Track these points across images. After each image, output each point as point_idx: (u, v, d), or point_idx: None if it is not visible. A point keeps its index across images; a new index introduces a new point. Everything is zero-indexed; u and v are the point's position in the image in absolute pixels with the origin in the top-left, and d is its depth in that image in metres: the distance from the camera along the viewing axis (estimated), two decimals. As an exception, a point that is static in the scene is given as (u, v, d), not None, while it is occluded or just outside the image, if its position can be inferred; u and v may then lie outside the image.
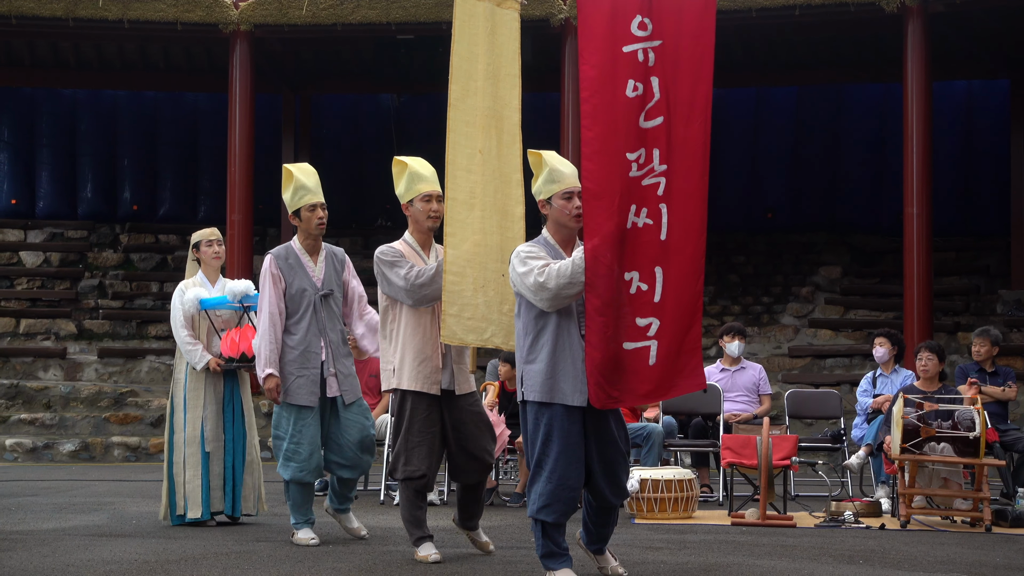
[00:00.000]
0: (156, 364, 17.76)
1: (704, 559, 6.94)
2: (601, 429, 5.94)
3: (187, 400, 8.33)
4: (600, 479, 5.95)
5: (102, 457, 15.20)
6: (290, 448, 7.36)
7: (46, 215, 20.99)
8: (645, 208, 5.70)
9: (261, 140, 18.31)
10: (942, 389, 9.70)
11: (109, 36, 17.60)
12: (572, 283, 5.71)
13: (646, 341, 5.73)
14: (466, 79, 6.56)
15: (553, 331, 5.84)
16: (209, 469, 8.27)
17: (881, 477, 10.23)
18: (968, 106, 19.73)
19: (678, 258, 5.72)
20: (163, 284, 19.87)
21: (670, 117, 5.71)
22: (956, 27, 16.61)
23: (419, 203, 6.82)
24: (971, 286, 18.37)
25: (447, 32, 7.05)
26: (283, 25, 16.52)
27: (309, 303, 7.44)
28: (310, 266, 7.54)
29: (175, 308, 8.44)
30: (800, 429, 13.67)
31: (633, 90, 5.70)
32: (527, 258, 5.86)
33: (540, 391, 5.84)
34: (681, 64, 5.73)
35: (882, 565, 6.94)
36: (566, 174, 6.00)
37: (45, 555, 6.94)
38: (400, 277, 6.64)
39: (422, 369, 6.67)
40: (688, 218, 5.73)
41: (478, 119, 6.55)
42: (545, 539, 5.91)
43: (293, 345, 7.40)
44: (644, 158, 5.70)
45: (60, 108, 21.17)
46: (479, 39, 6.59)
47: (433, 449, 6.71)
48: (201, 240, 8.77)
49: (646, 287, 5.72)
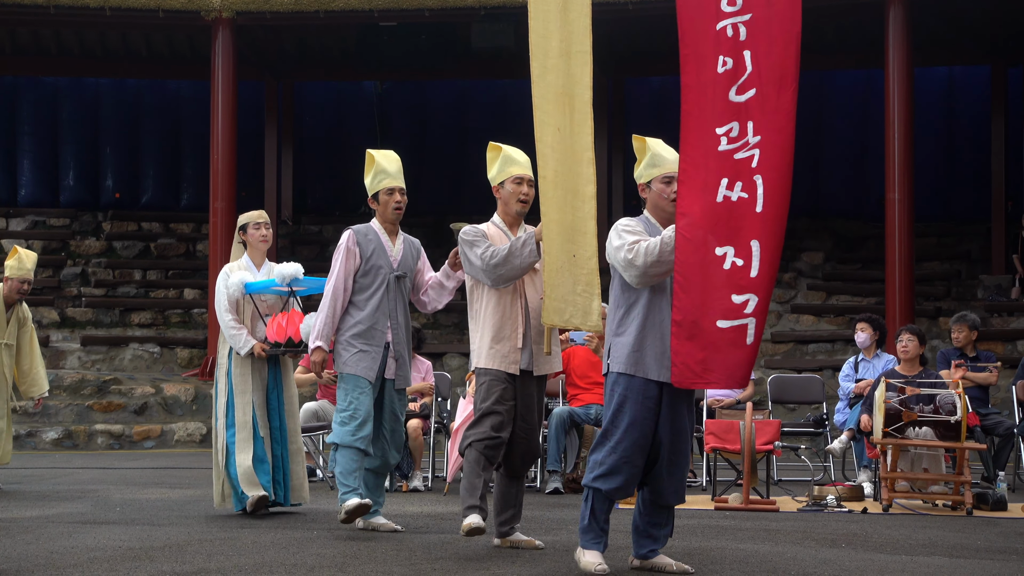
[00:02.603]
0: (139, 352, 17.73)
1: (687, 543, 6.97)
2: (676, 415, 5.83)
3: (234, 385, 8.14)
4: (664, 468, 5.82)
5: (85, 445, 15.18)
6: (345, 414, 7.20)
7: (28, 203, 20.93)
8: (740, 181, 5.56)
9: (244, 127, 18.29)
10: (923, 373, 9.75)
11: (90, 23, 17.55)
12: (659, 262, 5.64)
13: (743, 319, 5.53)
14: (543, 56, 6.39)
15: (644, 306, 5.79)
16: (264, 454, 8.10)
17: (863, 461, 10.28)
18: (949, 92, 19.80)
19: (773, 230, 5.56)
20: (146, 272, 19.85)
21: (762, 88, 5.60)
22: (937, 13, 16.67)
23: (510, 185, 6.77)
24: (952, 271, 18.45)
25: (429, 19, 7.02)
26: (265, 12, 16.49)
27: (384, 281, 7.35)
28: (389, 246, 7.44)
29: (219, 292, 8.22)
30: (783, 414, 13.73)
31: (722, 65, 5.61)
32: (623, 232, 5.83)
33: (625, 363, 5.77)
34: (772, 35, 5.61)
35: (864, 548, 6.98)
36: (668, 159, 5.96)
37: (28, 542, 6.94)
38: (477, 257, 6.59)
39: (500, 348, 6.61)
40: (780, 188, 5.57)
41: (556, 96, 6.38)
42: (591, 514, 5.82)
43: (360, 320, 7.29)
44: (738, 131, 5.58)
45: (42, 96, 21.10)
46: (552, 16, 6.40)
47: (508, 422, 6.59)
48: (248, 222, 8.49)
49: (742, 262, 5.52)
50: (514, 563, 6.23)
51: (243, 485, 8.02)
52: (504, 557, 6.40)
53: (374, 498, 7.43)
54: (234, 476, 8.07)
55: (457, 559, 6.34)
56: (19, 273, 10.03)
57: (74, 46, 19.50)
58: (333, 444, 7.28)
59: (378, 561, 6.27)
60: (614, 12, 15.80)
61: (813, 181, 19.88)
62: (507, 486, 6.77)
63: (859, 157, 19.75)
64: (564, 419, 10.03)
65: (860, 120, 19.75)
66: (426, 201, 19.19)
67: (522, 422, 6.66)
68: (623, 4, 15.74)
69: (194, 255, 20.22)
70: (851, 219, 19.69)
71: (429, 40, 18.05)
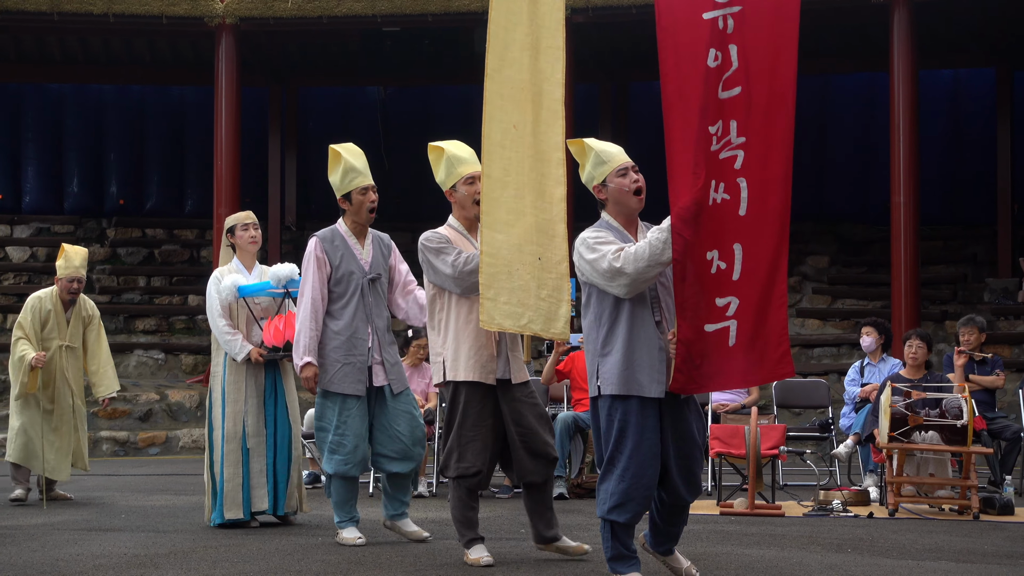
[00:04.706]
0: (144, 359, 17.73)
1: (693, 548, 6.95)
2: (679, 423, 5.62)
3: (226, 394, 7.90)
4: (676, 476, 5.62)
5: (90, 452, 15.07)
6: (334, 440, 7.02)
7: (32, 210, 20.93)
8: (723, 183, 5.39)
9: (247, 134, 18.30)
10: (928, 377, 9.72)
11: (94, 30, 17.56)
12: (651, 265, 5.42)
13: (725, 321, 5.43)
14: (503, 49, 6.15)
15: (627, 320, 5.54)
16: (250, 467, 7.86)
17: (869, 466, 10.26)
18: (954, 95, 19.76)
19: (757, 235, 5.42)
20: (150, 278, 19.84)
21: (749, 87, 5.40)
22: (942, 16, 16.64)
23: (463, 187, 6.54)
24: (958, 275, 18.41)
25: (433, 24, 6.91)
26: (269, 18, 16.50)
27: (357, 287, 7.12)
28: (357, 249, 7.22)
29: (211, 297, 7.96)
30: (788, 418, 13.70)
31: (714, 59, 5.39)
32: (596, 244, 5.55)
33: (617, 383, 5.51)
34: (762, 31, 5.41)
35: (870, 553, 6.96)
36: (613, 153, 5.77)
37: (34, 550, 6.93)
38: (447, 264, 6.35)
39: (479, 358, 6.31)
40: (768, 194, 5.41)
41: (514, 92, 6.14)
42: (614, 541, 5.62)
43: (338, 331, 7.07)
44: (722, 130, 5.39)
45: (46, 103, 21.11)
46: (519, 7, 6.17)
47: (487, 444, 6.34)
48: (236, 224, 8.18)
49: (725, 265, 5.41)
50: (518, 569, 6.21)
51: (226, 504, 7.82)
52: (508, 564, 6.38)
53: (400, 498, 7.20)
54: (220, 491, 7.86)
55: (461, 566, 6.32)
56: (68, 272, 9.67)
57: (78, 53, 19.52)
58: (326, 474, 7.14)
59: (383, 567, 6.26)
60: (617, 16, 15.80)
61: (818, 184, 19.84)
62: (535, 494, 6.49)
63: (864, 160, 19.72)
64: (569, 424, 10.01)
65: (865, 123, 19.72)
66: (429, 207, 19.17)
67: (516, 427, 6.36)
68: (626, 7, 15.72)
69: (198, 261, 20.21)
70: (856, 223, 19.66)
71: (432, 45, 18.06)
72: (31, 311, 9.66)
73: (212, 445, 7.97)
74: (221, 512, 7.86)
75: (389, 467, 7.14)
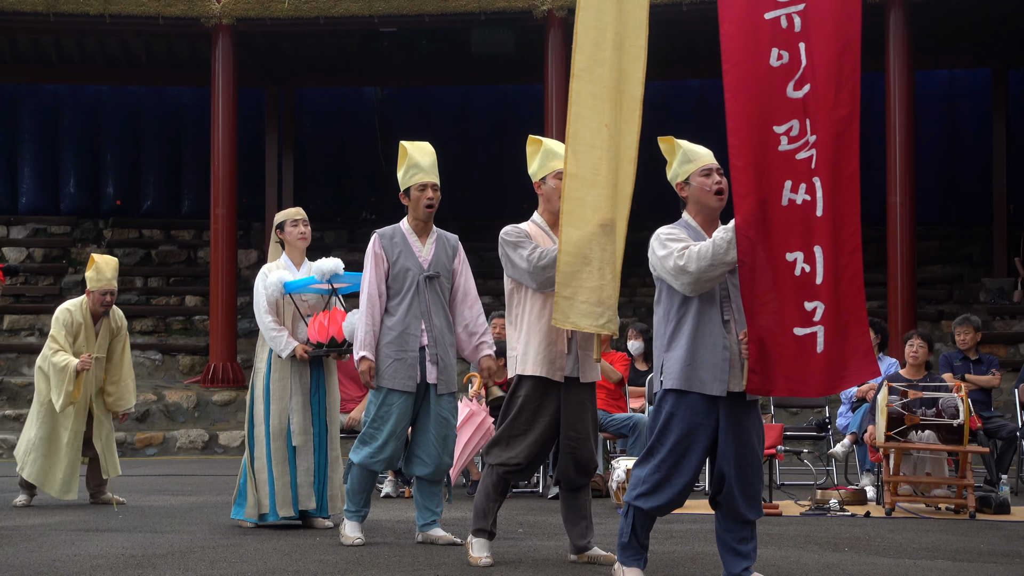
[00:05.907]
0: (141, 359, 17.72)
1: (691, 548, 6.96)
2: (739, 429, 5.53)
3: (270, 391, 7.79)
4: (735, 486, 5.53)
5: (87, 453, 15.13)
6: (368, 432, 6.97)
7: (29, 211, 20.94)
8: (803, 184, 5.35)
9: (244, 134, 18.30)
10: (926, 377, 9.74)
11: (90, 31, 17.58)
12: (713, 265, 5.37)
13: (813, 327, 5.34)
14: (594, 48, 6.07)
15: (694, 317, 5.51)
16: (296, 465, 7.76)
17: (866, 465, 10.27)
18: (950, 95, 19.79)
19: (836, 236, 5.35)
20: (147, 279, 19.85)
21: (816, 85, 5.35)
22: (938, 16, 16.67)
23: (552, 180, 6.45)
24: (954, 274, 18.44)
25: (430, 25, 6.90)
26: (265, 19, 16.51)
27: (412, 283, 7.02)
28: (417, 246, 7.12)
29: (258, 293, 7.81)
30: (785, 418, 13.72)
31: (777, 59, 5.35)
32: (667, 240, 5.55)
33: (678, 378, 5.48)
34: (827, 28, 5.35)
35: (867, 552, 6.97)
36: (700, 153, 5.73)
37: (31, 550, 6.93)
38: (523, 259, 6.27)
39: (547, 354, 6.26)
40: (842, 192, 5.37)
41: (606, 91, 6.07)
42: (631, 530, 5.62)
43: (391, 326, 6.99)
44: (797, 130, 5.35)
45: (42, 103, 21.11)
46: (607, 5, 6.09)
47: (538, 440, 6.29)
48: (286, 220, 8.07)
49: (809, 268, 5.34)
50: (516, 569, 6.22)
51: (278, 504, 7.74)
52: (507, 564, 6.39)
53: (430, 508, 7.14)
54: (252, 488, 7.80)
55: (460, 566, 6.32)
56: (99, 285, 9.46)
57: (74, 53, 19.52)
58: (350, 460, 7.10)
59: (381, 568, 6.26)
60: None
61: (814, 185, 19.83)
62: (571, 499, 6.48)
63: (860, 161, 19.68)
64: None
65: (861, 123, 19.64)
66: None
67: (571, 431, 6.32)
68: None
69: (195, 262, 20.22)
70: (853, 223, 19.66)
71: (429, 46, 18.06)
72: (63, 325, 9.33)
73: (254, 442, 7.87)
74: (263, 510, 7.80)
75: (417, 470, 7.09)
